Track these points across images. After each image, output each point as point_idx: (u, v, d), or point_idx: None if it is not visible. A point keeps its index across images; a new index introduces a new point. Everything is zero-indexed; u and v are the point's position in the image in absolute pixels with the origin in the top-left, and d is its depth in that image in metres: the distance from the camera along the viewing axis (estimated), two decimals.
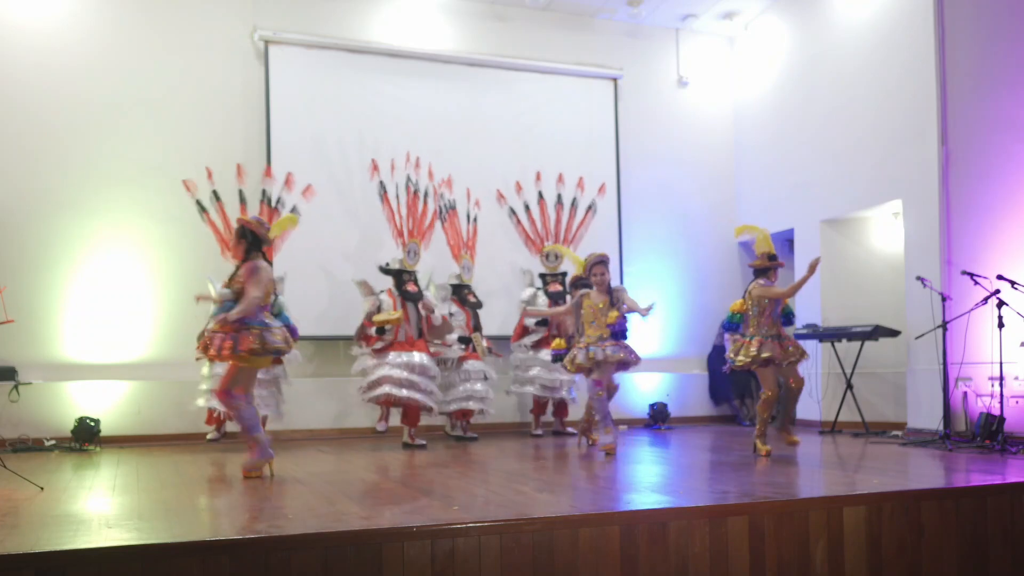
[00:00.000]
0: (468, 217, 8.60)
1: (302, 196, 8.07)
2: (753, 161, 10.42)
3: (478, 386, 8.05)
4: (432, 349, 7.75)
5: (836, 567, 3.88)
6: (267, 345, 5.13)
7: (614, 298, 6.68)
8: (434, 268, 8.43)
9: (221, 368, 7.29)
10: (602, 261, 6.74)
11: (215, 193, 7.87)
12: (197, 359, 6.94)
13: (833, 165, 8.99)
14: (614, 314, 6.61)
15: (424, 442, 7.54)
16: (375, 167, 8.25)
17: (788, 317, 6.48)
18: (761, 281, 6.39)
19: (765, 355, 6.23)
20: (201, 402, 7.70)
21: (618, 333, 6.66)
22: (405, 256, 7.85)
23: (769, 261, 6.46)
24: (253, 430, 5.26)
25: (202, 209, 7.83)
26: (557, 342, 7.34)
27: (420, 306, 7.72)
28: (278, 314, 7.08)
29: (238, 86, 8.86)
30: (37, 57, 8.25)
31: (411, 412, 7.52)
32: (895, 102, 8.18)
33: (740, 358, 6.34)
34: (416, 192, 8.14)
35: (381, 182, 8.10)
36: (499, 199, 8.89)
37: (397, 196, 8.08)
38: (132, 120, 8.48)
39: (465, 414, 8.16)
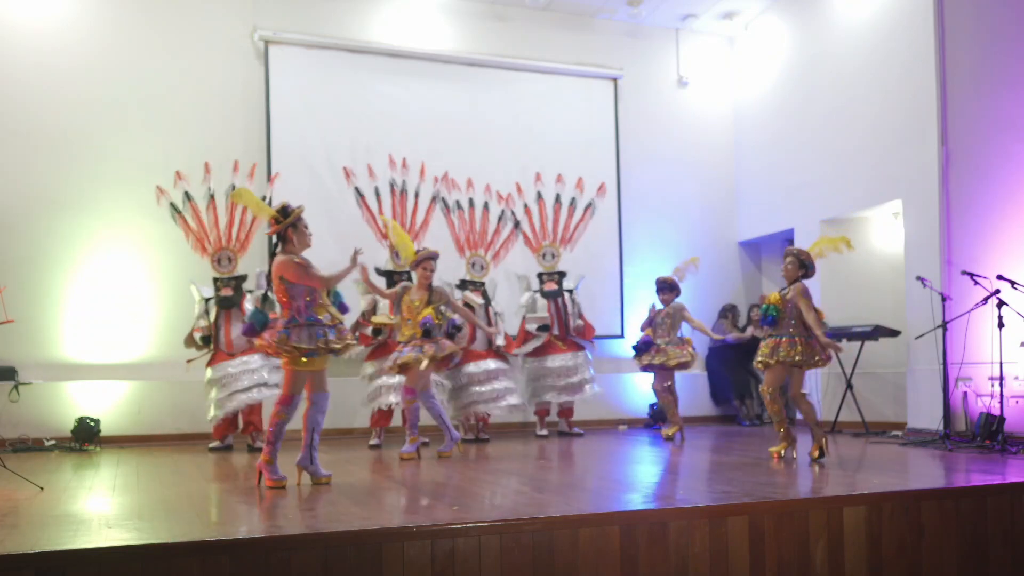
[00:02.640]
0: (499, 215, 8.64)
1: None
2: (753, 161, 10.42)
3: (501, 384, 7.97)
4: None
5: (836, 567, 3.88)
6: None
7: (433, 297, 6.45)
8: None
9: (216, 372, 7.30)
10: (432, 257, 6.54)
11: (187, 194, 7.79)
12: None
13: (833, 165, 8.99)
14: (425, 311, 6.40)
15: (427, 439, 7.54)
16: (347, 174, 8.30)
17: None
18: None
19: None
20: (213, 412, 7.43)
21: (427, 332, 6.38)
22: (391, 257, 7.86)
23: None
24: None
25: (176, 211, 7.73)
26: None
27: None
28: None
29: (238, 86, 8.87)
30: (37, 57, 8.25)
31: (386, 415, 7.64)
32: (895, 102, 8.18)
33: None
34: (404, 192, 8.14)
35: (356, 188, 8.14)
36: (500, 199, 8.86)
37: (378, 197, 8.11)
38: (132, 120, 8.48)
39: (476, 416, 8.12)
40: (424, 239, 8.27)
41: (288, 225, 4.80)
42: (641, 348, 7.67)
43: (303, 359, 4.73)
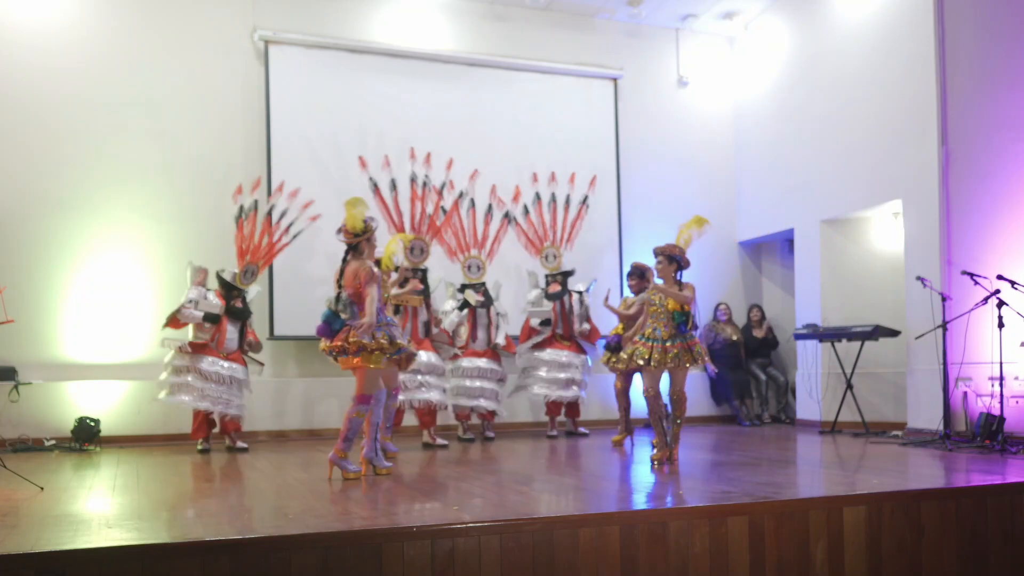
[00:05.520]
0: (496, 212, 8.65)
1: (309, 220, 7.99)
2: (753, 161, 10.42)
3: (482, 383, 8.00)
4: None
5: (836, 567, 3.88)
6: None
7: None
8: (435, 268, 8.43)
9: (181, 360, 7.24)
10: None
11: (256, 202, 7.80)
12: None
13: (833, 165, 8.99)
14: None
15: (446, 442, 7.52)
16: (363, 163, 8.28)
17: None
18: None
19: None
20: (162, 395, 7.33)
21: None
22: (407, 253, 7.83)
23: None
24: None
25: (242, 214, 7.71)
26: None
27: (431, 309, 7.69)
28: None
29: (238, 86, 8.86)
30: (38, 57, 8.25)
31: (427, 413, 7.53)
32: (895, 102, 8.18)
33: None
34: (426, 186, 8.13)
35: (371, 178, 8.11)
36: (499, 199, 8.84)
37: (395, 191, 8.09)
38: (132, 120, 8.47)
39: (478, 414, 8.16)
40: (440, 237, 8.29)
41: (365, 239, 5.28)
42: (613, 347, 7.59)
43: (385, 357, 5.14)
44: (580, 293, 8.62)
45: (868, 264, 9.13)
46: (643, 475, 5.26)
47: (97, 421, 7.72)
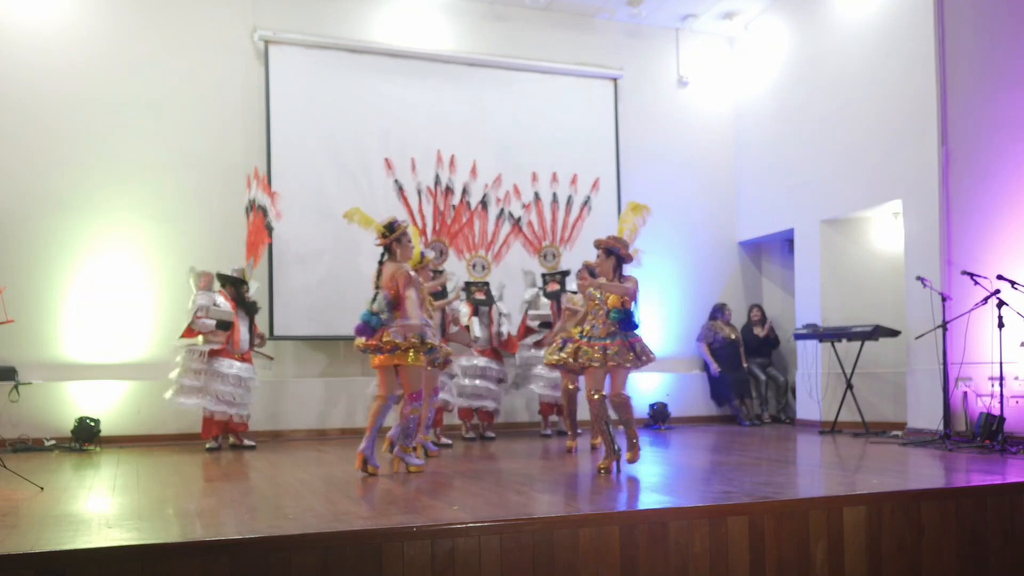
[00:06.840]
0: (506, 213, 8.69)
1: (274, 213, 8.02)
2: (753, 161, 10.42)
3: (483, 383, 8.03)
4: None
5: (836, 567, 3.88)
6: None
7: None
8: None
9: (197, 363, 7.26)
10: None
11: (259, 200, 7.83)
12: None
13: (833, 165, 8.99)
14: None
15: (449, 442, 7.52)
16: (389, 165, 8.21)
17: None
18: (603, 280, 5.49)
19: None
20: (169, 394, 7.37)
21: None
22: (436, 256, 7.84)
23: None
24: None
25: (259, 208, 7.77)
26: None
27: (447, 308, 7.69)
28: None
29: (238, 86, 8.86)
30: (38, 57, 8.25)
31: (437, 413, 7.54)
32: (895, 102, 8.18)
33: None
34: (450, 190, 8.13)
35: (396, 180, 8.07)
36: (499, 201, 8.84)
37: (420, 193, 8.08)
38: (132, 120, 8.47)
39: (479, 415, 8.19)
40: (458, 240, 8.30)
41: (394, 239, 5.32)
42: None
43: (423, 356, 5.23)
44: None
45: (868, 264, 9.13)
46: (643, 475, 5.25)
47: (97, 421, 7.72)
